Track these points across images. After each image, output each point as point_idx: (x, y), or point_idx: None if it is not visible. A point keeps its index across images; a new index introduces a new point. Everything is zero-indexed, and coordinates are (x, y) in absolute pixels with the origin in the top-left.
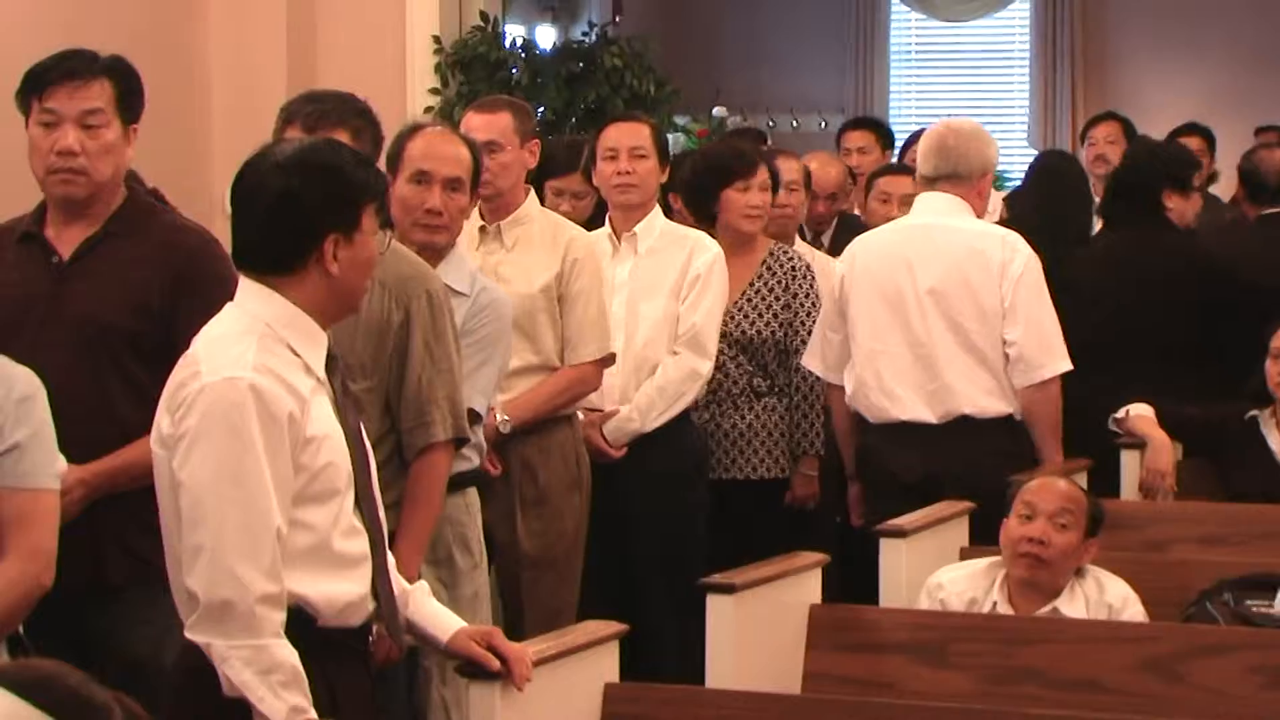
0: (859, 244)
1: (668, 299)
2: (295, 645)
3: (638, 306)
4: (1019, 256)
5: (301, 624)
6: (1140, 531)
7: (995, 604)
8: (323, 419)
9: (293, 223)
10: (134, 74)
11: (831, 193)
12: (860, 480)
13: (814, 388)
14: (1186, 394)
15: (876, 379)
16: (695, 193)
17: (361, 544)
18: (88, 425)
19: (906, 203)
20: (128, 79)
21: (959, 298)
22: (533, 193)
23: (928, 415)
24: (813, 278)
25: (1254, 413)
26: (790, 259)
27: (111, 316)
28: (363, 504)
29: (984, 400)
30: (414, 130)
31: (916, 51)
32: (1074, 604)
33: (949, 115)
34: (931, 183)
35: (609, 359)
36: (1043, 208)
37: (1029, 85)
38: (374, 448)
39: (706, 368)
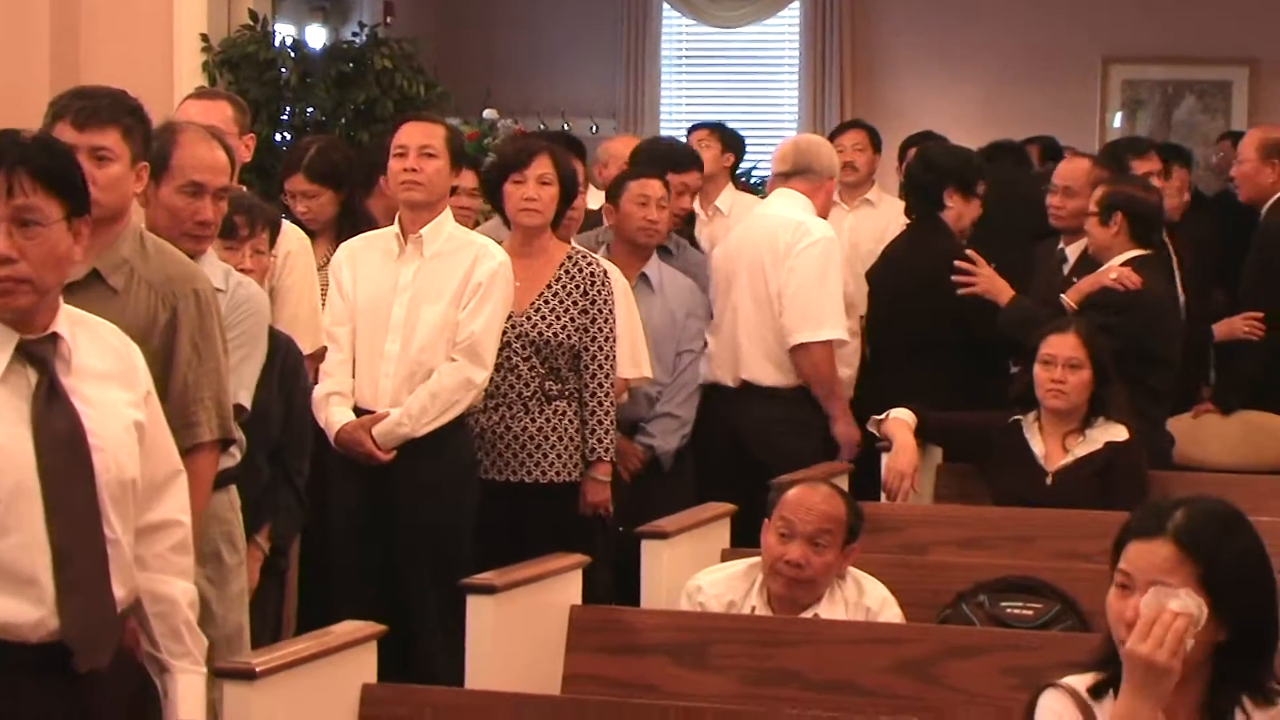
0: (716, 230)
1: (448, 305)
2: None
3: (418, 310)
4: (806, 239)
5: None
6: (899, 534)
7: (754, 608)
8: None
9: None
10: None
11: None
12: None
13: (606, 393)
14: (950, 395)
15: (709, 346)
16: (486, 189)
17: (29, 560)
18: None
19: (662, 206)
20: None
21: (756, 277)
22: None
23: (728, 379)
24: (610, 284)
25: (1017, 417)
26: (590, 264)
27: None
28: (58, 517)
29: (765, 367)
30: (174, 132)
31: (687, 56)
32: (833, 607)
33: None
34: (785, 179)
35: (319, 354)
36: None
37: (798, 91)
38: None
39: (481, 377)
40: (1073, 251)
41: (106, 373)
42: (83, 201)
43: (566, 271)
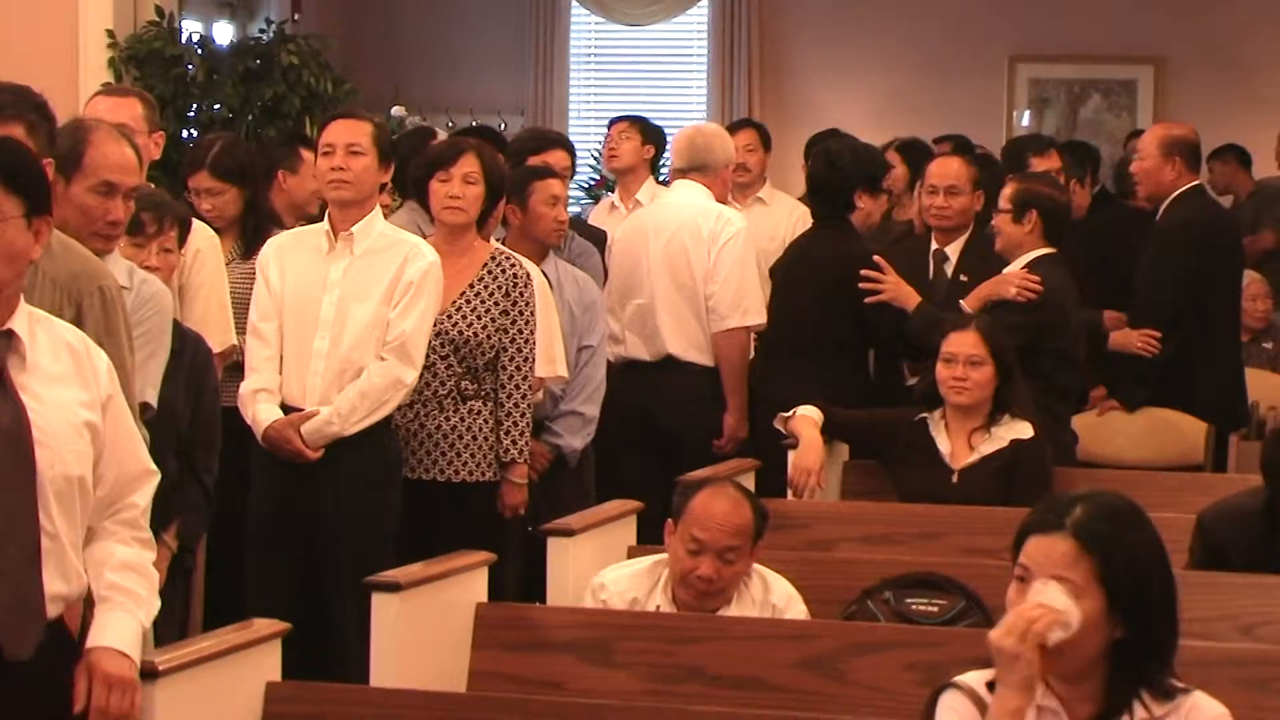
0: (626, 220)
1: (379, 303)
2: None
3: (348, 308)
4: (729, 228)
5: None
6: (806, 531)
7: (659, 606)
8: None
9: None
10: None
11: None
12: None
13: (524, 395)
14: (855, 394)
15: (619, 327)
16: (415, 187)
17: None
18: None
19: (565, 202)
20: None
21: (677, 261)
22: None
23: (644, 355)
24: (532, 287)
25: (923, 415)
26: (513, 266)
27: None
28: None
29: (687, 348)
30: (86, 131)
31: (596, 54)
32: (740, 605)
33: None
34: (683, 173)
35: (229, 352)
36: None
37: (706, 88)
38: None
39: (411, 377)
40: (953, 250)
41: (62, 373)
42: (43, 201)
43: (490, 272)
